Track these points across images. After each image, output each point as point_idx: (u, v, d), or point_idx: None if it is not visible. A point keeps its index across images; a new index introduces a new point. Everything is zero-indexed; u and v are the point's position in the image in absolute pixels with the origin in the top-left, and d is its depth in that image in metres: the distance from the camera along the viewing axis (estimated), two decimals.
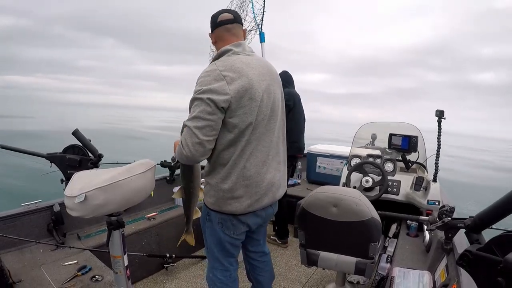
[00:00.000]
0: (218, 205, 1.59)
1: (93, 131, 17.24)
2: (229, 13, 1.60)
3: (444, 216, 1.74)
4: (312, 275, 2.83)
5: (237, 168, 1.52)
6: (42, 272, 1.97)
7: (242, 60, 1.51)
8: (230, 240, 1.67)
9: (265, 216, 1.73)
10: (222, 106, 1.40)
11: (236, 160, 1.51)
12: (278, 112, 1.64)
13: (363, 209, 1.72)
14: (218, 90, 1.40)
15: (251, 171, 1.53)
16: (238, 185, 1.53)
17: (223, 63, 1.48)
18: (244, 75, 1.45)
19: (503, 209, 1.23)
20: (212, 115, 1.40)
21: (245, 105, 1.45)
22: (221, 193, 1.55)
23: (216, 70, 1.44)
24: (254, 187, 1.56)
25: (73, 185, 1.48)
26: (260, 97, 1.49)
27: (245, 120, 1.46)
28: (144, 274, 2.73)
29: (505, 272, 0.93)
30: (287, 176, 1.94)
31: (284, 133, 1.74)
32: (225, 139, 1.49)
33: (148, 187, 1.61)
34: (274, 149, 1.64)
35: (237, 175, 1.52)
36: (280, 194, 1.72)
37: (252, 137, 1.51)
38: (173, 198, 3.35)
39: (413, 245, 2.30)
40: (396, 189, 2.70)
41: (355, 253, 1.86)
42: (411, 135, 2.87)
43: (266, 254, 1.96)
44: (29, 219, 2.32)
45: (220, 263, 1.73)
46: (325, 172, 4.18)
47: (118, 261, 1.63)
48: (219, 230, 1.65)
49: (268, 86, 1.55)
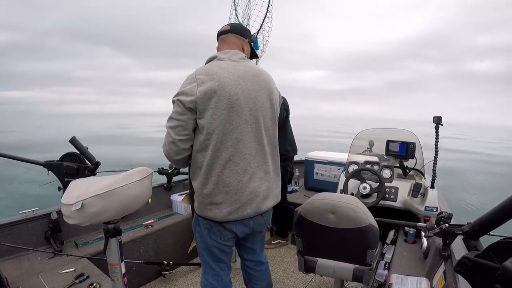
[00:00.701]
0: (200, 210, 1.61)
1: (88, 139, 17.24)
2: (228, 25, 1.71)
3: (442, 223, 1.74)
4: (310, 282, 2.82)
5: (213, 173, 1.53)
6: (40, 280, 1.95)
7: (221, 65, 1.54)
8: (217, 246, 1.68)
9: (253, 226, 1.71)
10: (189, 107, 1.46)
11: (210, 165, 1.52)
12: (262, 120, 1.61)
13: (360, 215, 1.72)
14: (187, 92, 1.47)
15: (231, 178, 1.53)
16: (217, 191, 1.54)
17: (202, 68, 1.56)
18: (216, 78, 1.47)
19: (500, 215, 1.24)
20: (182, 115, 1.48)
21: (213, 106, 1.47)
22: (202, 198, 1.58)
23: (193, 74, 1.52)
24: (234, 195, 1.55)
25: (70, 193, 1.48)
26: (232, 101, 1.49)
27: (213, 121, 1.48)
28: (142, 282, 2.71)
29: (503, 279, 0.93)
30: (284, 184, 1.92)
31: (274, 142, 1.72)
32: (198, 140, 1.54)
33: (145, 195, 1.61)
34: (259, 158, 1.62)
35: (215, 181, 1.53)
36: (267, 205, 1.69)
37: (227, 143, 1.51)
38: (171, 206, 3.34)
39: (411, 251, 2.30)
40: (393, 195, 2.70)
41: (352, 260, 1.86)
42: (409, 142, 2.87)
43: (262, 263, 1.94)
44: (27, 227, 2.31)
45: (210, 267, 1.74)
46: (322, 179, 4.17)
47: (116, 269, 1.63)
48: (207, 236, 1.66)
49: (249, 92, 1.54)
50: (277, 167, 1.76)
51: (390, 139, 2.95)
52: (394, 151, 2.92)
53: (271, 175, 1.68)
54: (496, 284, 0.95)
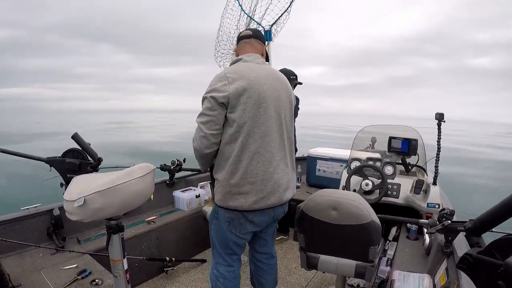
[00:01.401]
0: (225, 201, 1.69)
1: (90, 135, 17.24)
2: (250, 31, 1.88)
3: (444, 219, 1.74)
4: (312, 279, 2.83)
5: (242, 164, 1.64)
6: (42, 276, 1.96)
7: (249, 66, 1.70)
8: (235, 239, 1.78)
9: (273, 215, 1.81)
10: (221, 102, 1.59)
11: (239, 156, 1.64)
12: (284, 118, 1.76)
13: (362, 212, 1.72)
14: (219, 89, 1.60)
15: (258, 169, 1.65)
16: (244, 181, 1.64)
17: (230, 68, 1.71)
18: (245, 77, 1.62)
19: (503, 212, 1.23)
20: (213, 110, 1.61)
21: (243, 102, 1.61)
22: (228, 188, 1.66)
23: (222, 73, 1.64)
24: (260, 185, 1.66)
25: (72, 189, 1.48)
26: (261, 98, 1.64)
27: (243, 115, 1.61)
28: (144, 278, 2.72)
29: (505, 275, 0.93)
30: None
31: (292, 139, 1.86)
32: (227, 133, 1.65)
33: (147, 191, 1.61)
34: (282, 151, 1.75)
35: (243, 171, 1.64)
36: (287, 196, 1.80)
37: (256, 136, 1.64)
38: (173, 202, 3.35)
39: (413, 248, 2.30)
40: (396, 192, 2.70)
41: (355, 256, 1.86)
42: (411, 138, 2.87)
43: (273, 257, 2.05)
44: (29, 223, 2.32)
45: (223, 259, 1.83)
46: (324, 175, 4.17)
47: (118, 265, 1.63)
48: (226, 229, 1.75)
49: (273, 91, 1.69)
50: (293, 162, 1.89)
51: (392, 136, 2.95)
52: (397, 148, 2.92)
53: (289, 168, 1.82)
54: (499, 280, 0.95)
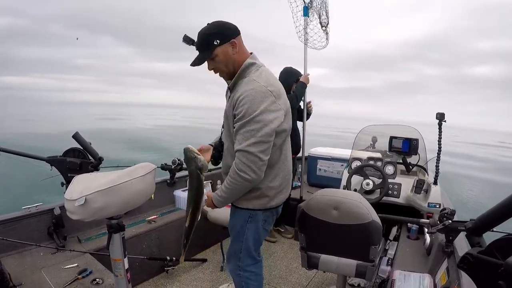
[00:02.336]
0: (267, 203, 1.72)
1: (90, 131, 17.19)
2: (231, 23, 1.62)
3: (444, 219, 1.74)
4: (313, 278, 2.83)
5: (283, 167, 1.73)
6: (43, 275, 1.96)
7: (268, 71, 1.65)
8: (265, 234, 1.86)
9: None
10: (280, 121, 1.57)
11: (282, 161, 1.72)
12: None
13: (363, 212, 1.72)
14: (274, 109, 1.52)
15: (288, 167, 1.78)
16: (283, 180, 1.74)
17: (263, 79, 1.56)
18: (278, 86, 1.62)
19: (504, 211, 1.23)
20: (271, 136, 1.53)
21: (286, 109, 1.63)
22: (273, 192, 1.71)
23: (264, 88, 1.51)
24: (288, 180, 1.80)
25: (73, 188, 1.48)
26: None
27: (290, 123, 1.67)
28: (145, 277, 2.72)
29: (506, 275, 0.93)
30: None
31: None
32: (276, 145, 1.61)
33: (148, 190, 1.61)
34: None
35: (284, 172, 1.74)
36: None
37: (288, 138, 1.75)
38: (174, 202, 3.34)
39: (414, 248, 2.30)
40: (396, 192, 2.70)
41: (355, 256, 1.86)
42: (412, 138, 2.87)
43: None
44: (30, 222, 2.32)
45: (252, 258, 1.85)
46: (325, 175, 4.17)
47: (119, 264, 1.63)
48: (261, 228, 1.79)
49: None
50: None
51: (393, 135, 2.95)
52: (397, 147, 2.92)
53: None
54: (499, 280, 0.95)
